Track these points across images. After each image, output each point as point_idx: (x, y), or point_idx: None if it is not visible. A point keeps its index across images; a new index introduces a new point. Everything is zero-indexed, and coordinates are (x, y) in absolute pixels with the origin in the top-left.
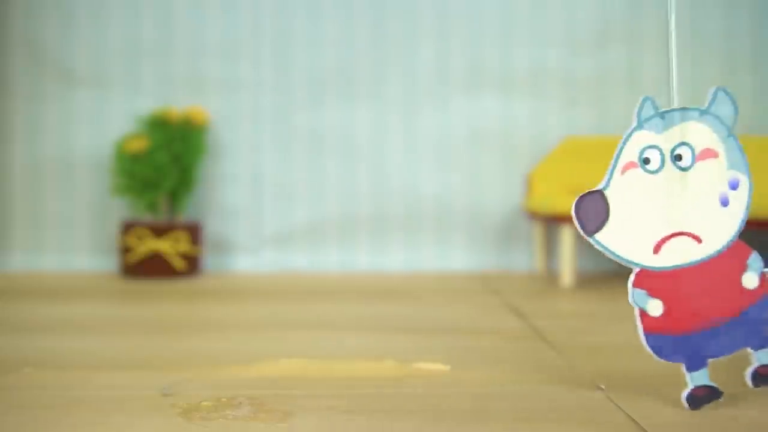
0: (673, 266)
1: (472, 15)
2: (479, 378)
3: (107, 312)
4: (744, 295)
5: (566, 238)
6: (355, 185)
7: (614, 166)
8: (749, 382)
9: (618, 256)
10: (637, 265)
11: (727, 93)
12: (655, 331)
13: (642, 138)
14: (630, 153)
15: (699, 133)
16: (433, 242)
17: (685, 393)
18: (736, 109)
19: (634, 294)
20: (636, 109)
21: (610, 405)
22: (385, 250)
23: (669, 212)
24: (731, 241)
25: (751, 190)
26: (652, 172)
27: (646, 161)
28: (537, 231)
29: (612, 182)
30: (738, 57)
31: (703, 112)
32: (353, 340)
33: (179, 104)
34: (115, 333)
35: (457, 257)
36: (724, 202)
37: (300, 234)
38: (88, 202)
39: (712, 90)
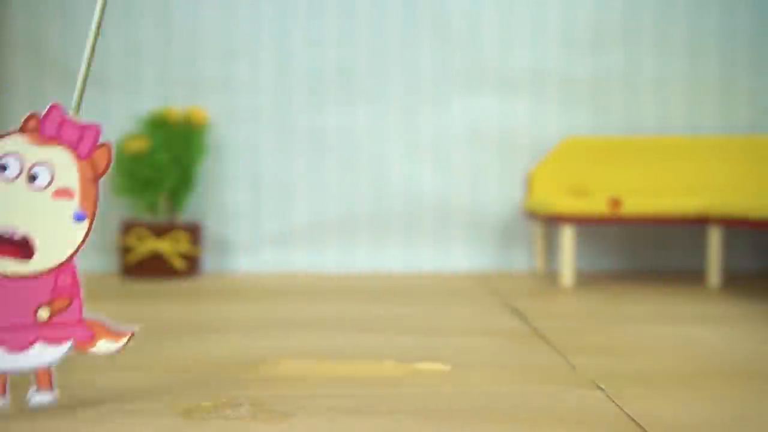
0: None
1: (471, 15)
2: (479, 378)
3: (107, 312)
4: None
5: (566, 238)
6: (355, 185)
7: None
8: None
9: None
10: None
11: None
12: None
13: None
14: None
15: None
16: (432, 242)
17: None
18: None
19: None
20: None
21: (610, 405)
22: (385, 250)
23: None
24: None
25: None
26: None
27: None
28: (537, 231)
29: None
30: (737, 57)
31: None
32: (353, 340)
33: (179, 104)
34: None
35: (457, 257)
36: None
37: (300, 234)
38: None
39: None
